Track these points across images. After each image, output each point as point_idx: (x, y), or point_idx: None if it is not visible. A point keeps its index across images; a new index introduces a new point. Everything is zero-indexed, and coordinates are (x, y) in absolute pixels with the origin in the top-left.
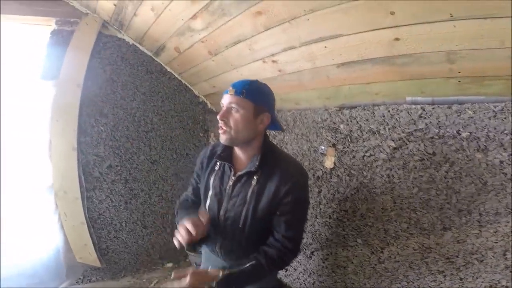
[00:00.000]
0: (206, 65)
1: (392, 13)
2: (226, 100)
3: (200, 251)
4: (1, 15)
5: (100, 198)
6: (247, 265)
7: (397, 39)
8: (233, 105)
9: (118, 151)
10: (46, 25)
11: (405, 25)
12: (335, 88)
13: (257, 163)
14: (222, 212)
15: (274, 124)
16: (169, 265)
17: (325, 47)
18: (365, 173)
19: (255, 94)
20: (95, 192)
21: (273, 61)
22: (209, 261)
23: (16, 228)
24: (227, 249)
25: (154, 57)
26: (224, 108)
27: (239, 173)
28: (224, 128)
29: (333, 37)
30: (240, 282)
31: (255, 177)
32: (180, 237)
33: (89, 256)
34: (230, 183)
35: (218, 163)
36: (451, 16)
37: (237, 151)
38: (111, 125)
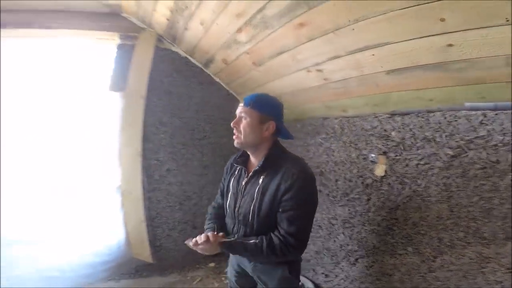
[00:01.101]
0: (251, 75)
1: (443, 19)
2: (238, 110)
3: None
4: (73, 30)
5: (158, 198)
6: (251, 241)
7: (450, 45)
8: (242, 114)
9: (175, 156)
10: (111, 39)
11: (457, 31)
12: (384, 95)
13: (261, 163)
14: (237, 209)
15: (284, 133)
16: (212, 264)
17: (373, 55)
18: (419, 181)
19: (260, 105)
20: (155, 193)
21: (318, 70)
22: None
23: (82, 223)
24: None
25: (204, 69)
26: (236, 117)
27: (250, 174)
28: (235, 133)
29: (379, 45)
30: (239, 250)
31: (261, 177)
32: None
33: (144, 252)
34: (243, 183)
35: (237, 167)
36: (507, 21)
37: (251, 156)
38: (169, 133)
